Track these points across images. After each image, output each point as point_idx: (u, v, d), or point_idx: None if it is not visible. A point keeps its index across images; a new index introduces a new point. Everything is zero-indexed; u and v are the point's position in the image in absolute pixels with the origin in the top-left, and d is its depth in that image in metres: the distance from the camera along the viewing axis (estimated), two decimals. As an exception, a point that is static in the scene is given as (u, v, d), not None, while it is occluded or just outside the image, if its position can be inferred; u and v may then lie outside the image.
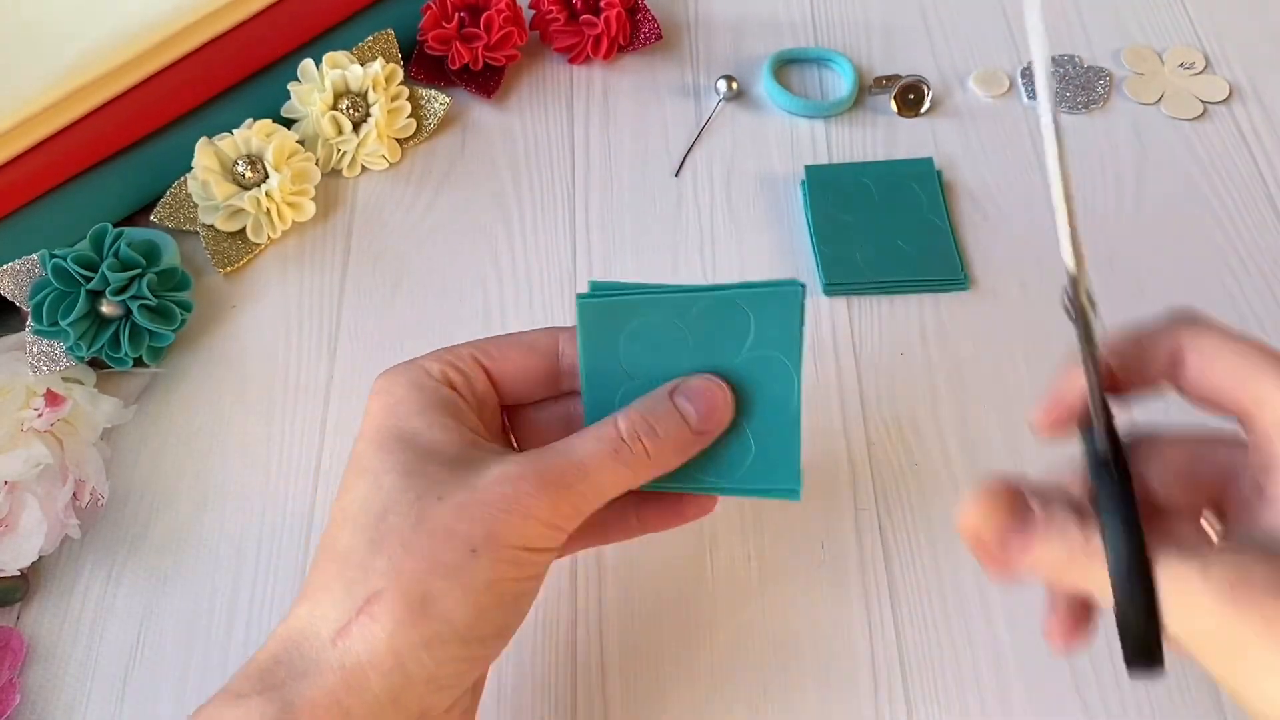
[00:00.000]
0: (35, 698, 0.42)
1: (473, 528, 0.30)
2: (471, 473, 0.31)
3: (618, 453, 0.32)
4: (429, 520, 0.30)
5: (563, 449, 0.32)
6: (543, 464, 0.31)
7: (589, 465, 0.31)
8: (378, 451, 0.32)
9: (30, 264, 0.48)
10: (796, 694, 0.42)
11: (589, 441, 0.32)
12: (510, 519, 0.30)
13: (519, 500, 0.30)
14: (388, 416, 0.33)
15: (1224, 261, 0.54)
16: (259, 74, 0.57)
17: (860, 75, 0.61)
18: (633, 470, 0.32)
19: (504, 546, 0.30)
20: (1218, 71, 0.62)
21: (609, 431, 0.32)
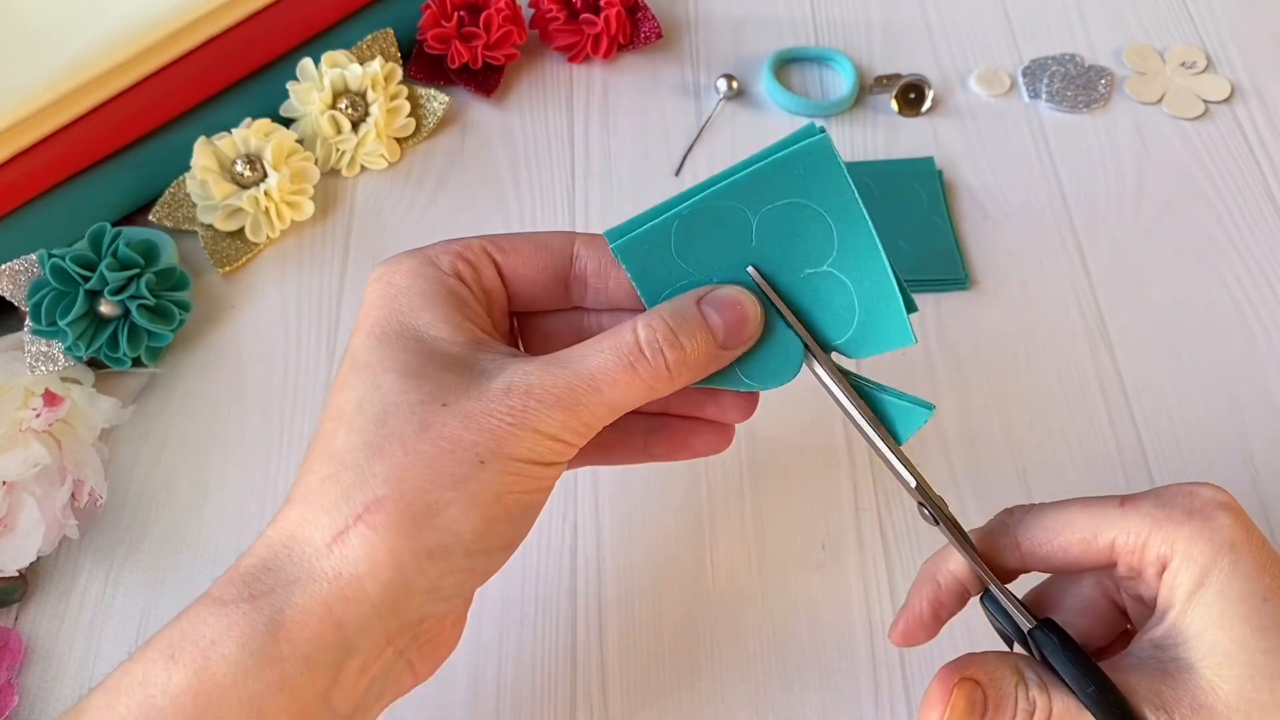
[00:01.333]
0: (34, 698, 0.42)
1: (480, 438, 0.28)
2: (478, 379, 0.29)
3: (634, 365, 0.30)
4: (434, 427, 0.28)
5: (575, 358, 0.30)
6: (552, 376, 0.29)
7: (601, 379, 0.29)
8: (377, 346, 0.30)
9: (28, 264, 0.48)
10: (796, 694, 0.42)
11: (604, 353, 0.30)
12: (518, 432, 0.29)
13: (528, 413, 0.29)
14: (388, 308, 0.31)
15: (1224, 261, 0.54)
16: (258, 73, 0.57)
17: (861, 74, 0.61)
18: (650, 385, 0.30)
19: (512, 459, 0.29)
20: (1219, 71, 0.62)
21: (626, 340, 0.30)
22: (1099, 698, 0.29)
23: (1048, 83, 0.61)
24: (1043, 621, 0.31)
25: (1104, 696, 0.29)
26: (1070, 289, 0.53)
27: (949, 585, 0.34)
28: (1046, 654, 0.31)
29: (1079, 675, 0.30)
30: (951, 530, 0.33)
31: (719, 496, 0.47)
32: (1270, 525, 0.46)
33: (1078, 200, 0.57)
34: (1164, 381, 0.50)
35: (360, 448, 0.28)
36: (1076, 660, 0.30)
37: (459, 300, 0.31)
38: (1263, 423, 0.49)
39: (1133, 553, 0.31)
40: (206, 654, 0.27)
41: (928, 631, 0.35)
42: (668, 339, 0.30)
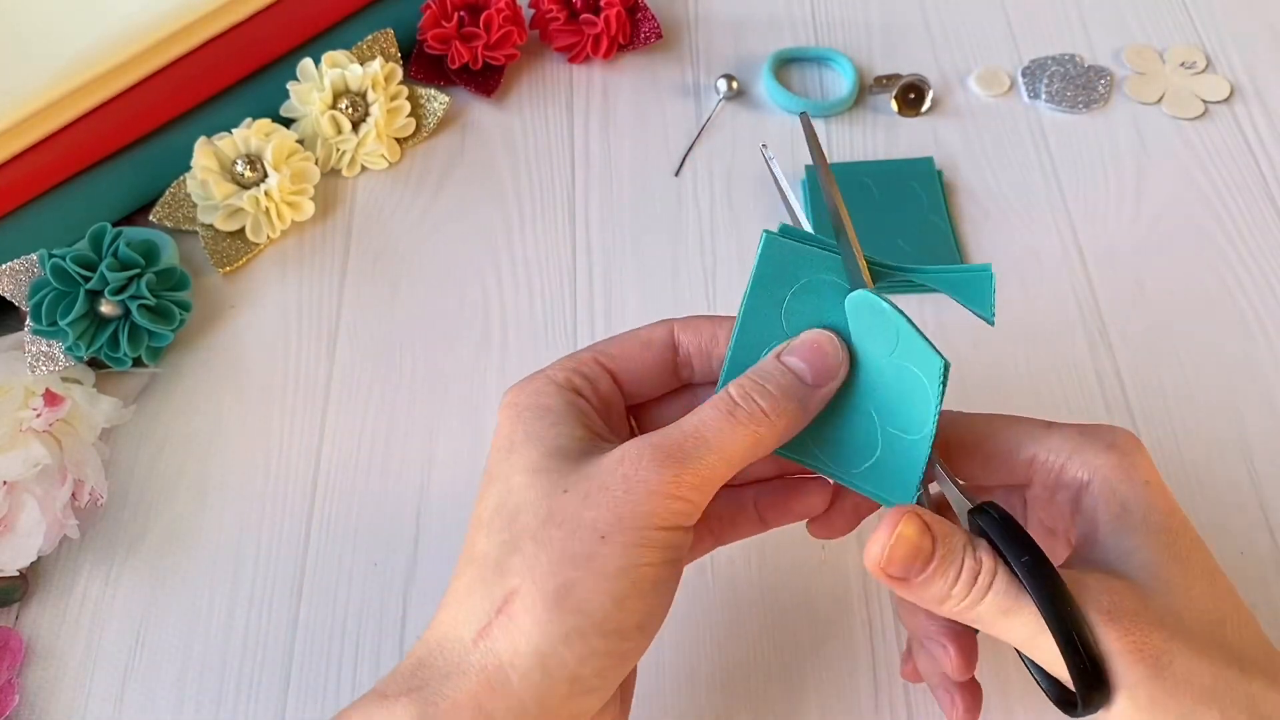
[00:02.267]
0: (34, 698, 0.42)
1: (599, 513, 0.29)
2: (594, 462, 0.31)
3: (733, 414, 0.31)
4: (557, 513, 0.30)
5: (679, 422, 0.31)
6: (660, 438, 0.31)
7: (706, 432, 0.31)
8: (506, 457, 0.32)
9: (29, 264, 0.48)
10: (796, 694, 0.42)
11: (704, 410, 0.31)
12: (633, 497, 0.29)
13: (640, 477, 0.30)
14: (514, 425, 0.32)
15: (1224, 261, 0.54)
16: (258, 73, 0.57)
17: (861, 74, 0.61)
18: (752, 432, 0.31)
19: (632, 528, 0.29)
20: (1219, 71, 0.62)
21: (722, 397, 0.32)
22: (1033, 567, 0.29)
23: (1047, 83, 0.61)
24: (984, 503, 0.32)
25: (1040, 568, 0.29)
26: (1070, 289, 0.53)
27: None
28: (987, 529, 0.31)
29: (1016, 547, 0.30)
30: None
31: (719, 496, 0.47)
32: (1270, 525, 0.46)
33: (1077, 200, 0.57)
34: (1164, 381, 0.50)
35: (497, 547, 0.30)
36: (1018, 536, 0.30)
37: (578, 411, 0.33)
38: (1263, 423, 0.49)
39: (1050, 471, 0.33)
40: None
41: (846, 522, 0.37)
42: (756, 389, 0.32)
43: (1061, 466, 0.33)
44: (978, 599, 0.30)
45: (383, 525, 0.46)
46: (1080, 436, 0.33)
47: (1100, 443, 0.33)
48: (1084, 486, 0.33)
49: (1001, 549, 0.30)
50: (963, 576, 0.30)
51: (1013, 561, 0.30)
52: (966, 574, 0.30)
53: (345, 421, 0.49)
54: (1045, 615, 0.29)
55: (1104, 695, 0.29)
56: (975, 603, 0.30)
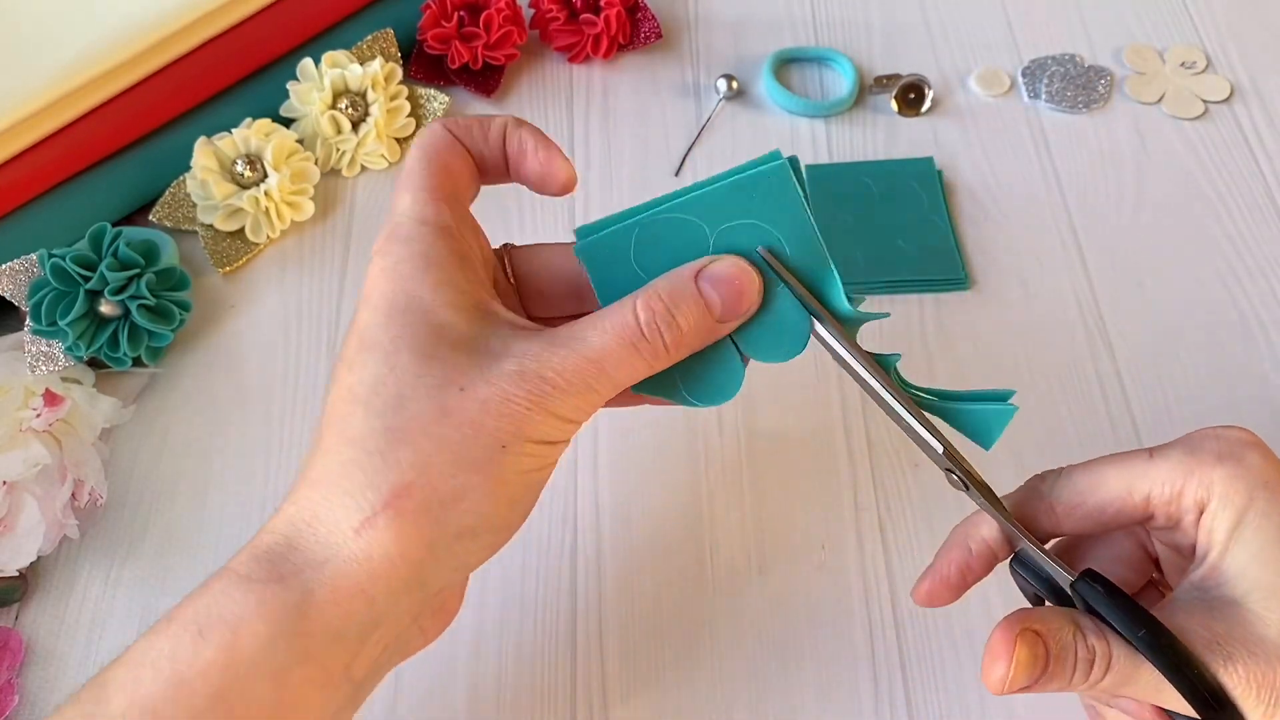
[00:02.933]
0: (34, 698, 0.42)
1: (500, 423, 0.29)
2: (490, 361, 0.30)
3: (636, 346, 0.30)
4: (454, 413, 0.29)
5: (578, 338, 0.30)
6: (561, 359, 0.30)
7: (607, 362, 0.30)
8: (385, 323, 0.30)
9: (29, 263, 0.48)
10: (796, 694, 0.42)
11: (607, 334, 0.30)
12: (536, 416, 0.30)
13: (544, 398, 0.30)
14: (389, 280, 0.31)
15: (1224, 261, 0.54)
16: (258, 73, 0.57)
17: (861, 74, 0.61)
18: (648, 363, 0.31)
19: (530, 441, 0.30)
20: (1219, 71, 0.62)
21: (627, 321, 0.30)
22: (1151, 640, 0.29)
23: (1047, 83, 0.61)
24: (1084, 573, 0.31)
25: (1156, 639, 0.29)
26: (1070, 288, 0.53)
27: (979, 550, 0.34)
28: (1093, 603, 0.31)
29: (1129, 620, 0.30)
30: (984, 494, 0.33)
31: (719, 496, 0.47)
32: (1270, 525, 0.46)
33: (1077, 200, 0.57)
34: (1164, 381, 0.50)
35: (381, 432, 0.29)
36: (1125, 606, 0.30)
37: (459, 256, 0.32)
38: (1263, 423, 0.49)
39: (1169, 503, 0.32)
40: (236, 630, 0.28)
41: (952, 594, 0.35)
42: (665, 319, 0.31)
43: (1179, 495, 0.32)
44: (1098, 680, 0.30)
45: (383, 525, 0.46)
46: (1187, 457, 0.32)
47: (1209, 456, 0.32)
48: (1204, 507, 0.32)
49: (1111, 621, 0.30)
50: (1078, 669, 0.30)
51: (1126, 634, 0.30)
52: (1082, 665, 0.30)
53: (345, 421, 0.49)
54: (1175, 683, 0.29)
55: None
56: (1096, 683, 0.31)
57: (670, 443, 0.48)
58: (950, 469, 0.33)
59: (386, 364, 0.30)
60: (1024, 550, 0.34)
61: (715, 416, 0.49)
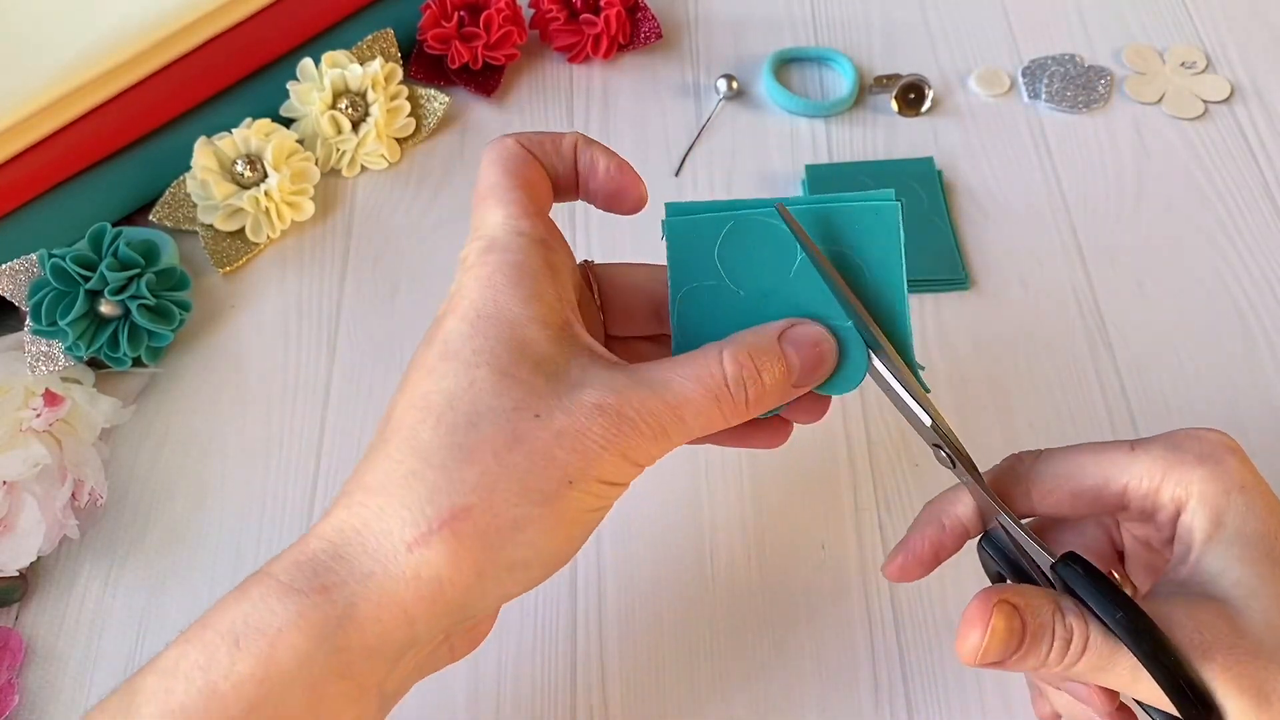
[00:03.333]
0: (34, 698, 0.42)
1: (571, 458, 0.29)
2: (570, 390, 0.29)
3: (719, 400, 0.30)
4: (526, 441, 0.28)
5: (661, 383, 0.30)
6: (642, 402, 0.29)
7: (687, 410, 0.30)
8: (470, 334, 0.30)
9: (29, 263, 0.48)
10: (796, 694, 0.42)
11: (688, 382, 0.30)
12: (606, 455, 0.29)
13: (620, 440, 0.29)
14: (480, 290, 0.30)
15: (1224, 261, 0.54)
16: (258, 73, 0.57)
17: (861, 74, 0.61)
18: (726, 418, 0.31)
19: (596, 480, 0.29)
20: (1219, 71, 0.62)
21: (713, 374, 0.30)
22: (1130, 624, 0.29)
23: (1047, 83, 0.61)
24: (1066, 554, 0.31)
25: (1136, 624, 0.29)
26: (1070, 289, 0.53)
27: (952, 526, 0.34)
28: (1073, 585, 0.30)
29: (1109, 603, 0.29)
30: (970, 472, 0.33)
31: (719, 496, 0.47)
32: (1270, 525, 0.46)
33: (1077, 200, 0.57)
34: (1164, 381, 0.50)
35: (450, 448, 0.28)
36: (1106, 590, 0.30)
37: (551, 269, 0.31)
38: (1263, 423, 0.49)
39: (1145, 497, 0.32)
40: (274, 643, 0.27)
41: (924, 569, 0.35)
42: (752, 377, 0.30)
43: (1156, 490, 0.32)
44: (1073, 662, 0.30)
45: (383, 525, 0.46)
46: (1169, 454, 0.32)
47: (1190, 456, 0.32)
48: (1182, 505, 0.32)
49: (1090, 603, 0.30)
50: (1055, 647, 0.30)
51: (1105, 617, 0.30)
52: (1059, 644, 0.30)
53: (345, 421, 0.49)
54: (1149, 668, 0.29)
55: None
56: (1071, 665, 0.30)
57: (670, 443, 0.48)
58: (938, 444, 0.33)
59: (466, 377, 0.29)
60: (994, 530, 0.34)
61: (715, 416, 0.49)
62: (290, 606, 0.27)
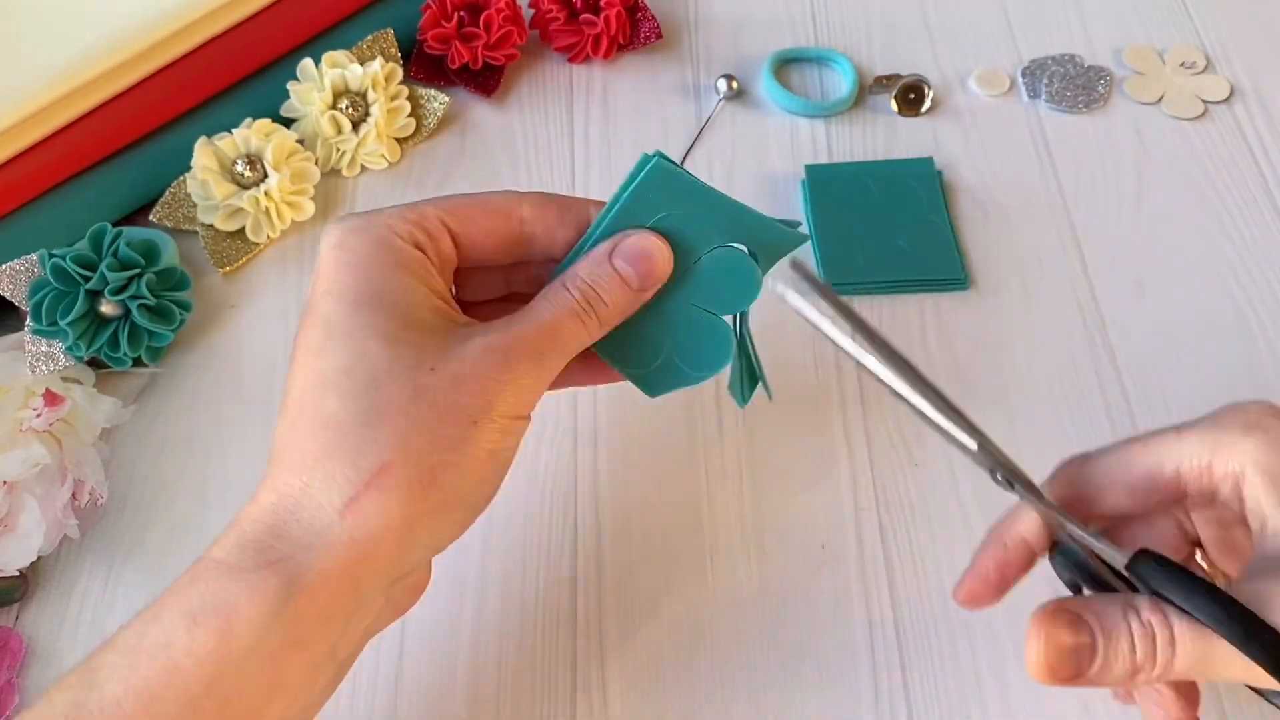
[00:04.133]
0: (34, 698, 0.42)
1: (472, 400, 0.31)
2: (455, 343, 0.32)
3: (580, 318, 0.33)
4: (427, 392, 0.30)
5: (533, 318, 0.33)
6: (523, 331, 0.32)
7: (560, 330, 0.33)
8: (353, 313, 0.31)
9: (29, 264, 0.48)
10: (796, 694, 0.42)
11: (556, 310, 0.33)
12: (504, 389, 0.31)
13: (509, 371, 0.31)
14: (355, 274, 0.32)
15: (1224, 261, 0.54)
16: (258, 73, 0.57)
17: (861, 75, 0.61)
18: (590, 333, 0.34)
19: (499, 416, 0.31)
20: (1219, 71, 0.62)
21: (566, 298, 0.34)
22: (1213, 608, 0.27)
23: (1047, 83, 0.61)
24: (1139, 551, 0.30)
25: (1221, 606, 0.27)
26: (1070, 289, 0.53)
27: (1015, 545, 0.34)
28: (1151, 581, 0.29)
29: (1188, 590, 0.28)
30: (1028, 489, 0.32)
31: (719, 496, 0.47)
32: (1270, 525, 0.46)
33: (1077, 200, 0.57)
34: (1164, 381, 0.50)
35: (357, 414, 0.30)
36: (1184, 578, 0.28)
37: (421, 270, 0.33)
38: (1262, 423, 0.49)
39: (1200, 476, 0.32)
40: (229, 618, 0.28)
41: (993, 592, 0.34)
42: (592, 296, 0.34)
43: (1209, 467, 0.32)
44: (1168, 659, 0.29)
45: (383, 525, 0.46)
46: (1215, 429, 0.32)
47: (1237, 428, 0.32)
48: (1240, 479, 0.32)
49: (1171, 597, 0.29)
50: (1138, 646, 0.29)
51: (1188, 606, 0.28)
52: (1141, 642, 0.29)
53: (345, 421, 0.49)
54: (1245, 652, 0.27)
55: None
56: (1168, 664, 0.29)
57: (670, 443, 0.48)
58: (992, 469, 0.32)
59: (357, 350, 0.31)
60: (1063, 541, 0.33)
61: (715, 417, 0.49)
62: (241, 583, 0.29)
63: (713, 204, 0.35)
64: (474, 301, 0.38)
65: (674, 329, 0.36)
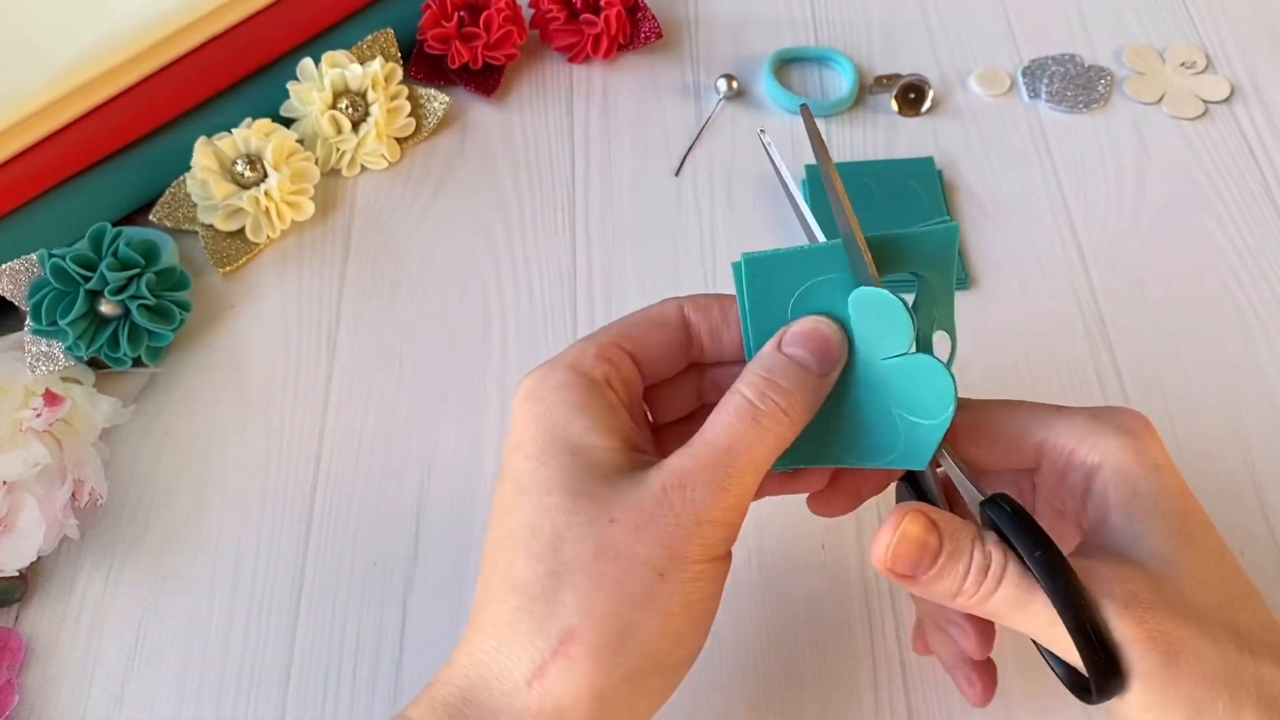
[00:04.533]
0: (34, 698, 0.42)
1: (654, 550, 0.29)
2: (635, 488, 0.30)
3: (758, 421, 0.31)
4: (609, 547, 0.29)
5: (706, 439, 0.31)
6: (694, 459, 0.30)
7: (737, 445, 0.30)
8: (538, 467, 0.30)
9: (29, 263, 0.48)
10: (796, 694, 0.42)
11: (727, 419, 0.31)
12: (684, 530, 0.29)
13: (688, 506, 0.29)
14: (541, 426, 0.31)
15: (1224, 261, 0.54)
16: (258, 73, 0.57)
17: (861, 74, 0.61)
18: (776, 434, 0.31)
19: (687, 563, 0.29)
20: (1219, 71, 0.62)
21: (738, 404, 0.31)
22: (1047, 562, 0.29)
23: (1047, 83, 0.61)
24: (996, 495, 0.31)
25: (1052, 562, 0.29)
26: (1070, 289, 0.53)
27: None
28: (999, 522, 0.31)
29: (1030, 540, 0.30)
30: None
31: (719, 496, 0.47)
32: (1270, 524, 0.46)
33: (1078, 200, 0.57)
34: (1164, 381, 0.50)
35: (543, 576, 0.29)
36: (1030, 529, 0.30)
37: (609, 409, 0.32)
38: (1262, 422, 0.49)
39: (1060, 455, 0.33)
40: None
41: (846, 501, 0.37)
42: (770, 386, 0.31)
43: (1071, 450, 0.33)
44: (989, 592, 0.30)
45: (383, 525, 0.46)
46: (1090, 420, 0.33)
47: (1110, 426, 0.33)
48: (1095, 470, 0.33)
49: (1013, 541, 0.30)
50: (972, 571, 0.30)
51: (1025, 554, 0.30)
52: (976, 569, 0.30)
53: (345, 421, 0.49)
54: (1059, 608, 0.29)
55: (1119, 683, 0.29)
56: (987, 596, 0.30)
57: (670, 443, 0.48)
58: None
59: (541, 506, 0.30)
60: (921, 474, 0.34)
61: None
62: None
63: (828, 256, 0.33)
64: (671, 422, 0.36)
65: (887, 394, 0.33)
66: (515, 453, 0.31)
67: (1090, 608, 0.29)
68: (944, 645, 0.36)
